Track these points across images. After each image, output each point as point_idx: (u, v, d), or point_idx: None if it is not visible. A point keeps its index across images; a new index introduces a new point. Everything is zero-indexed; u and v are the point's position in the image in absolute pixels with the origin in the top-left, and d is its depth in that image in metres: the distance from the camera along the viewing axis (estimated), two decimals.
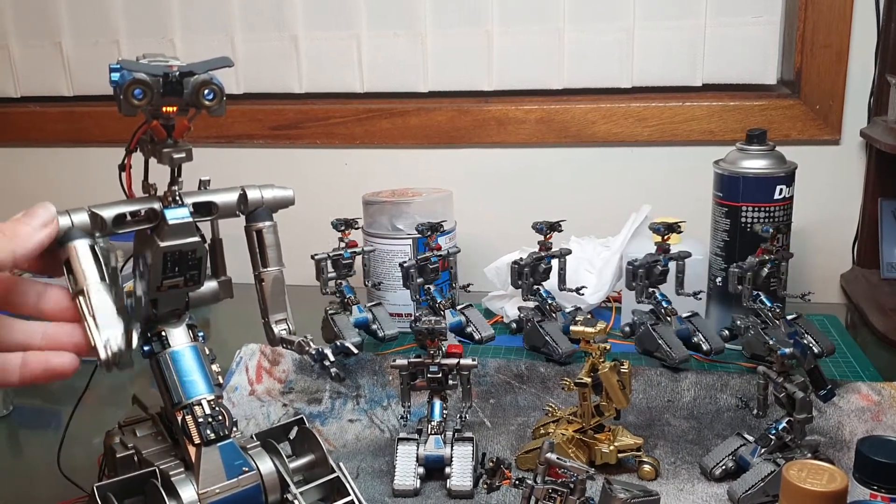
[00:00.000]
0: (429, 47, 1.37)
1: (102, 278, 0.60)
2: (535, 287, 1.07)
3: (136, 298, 0.64)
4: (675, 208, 1.13)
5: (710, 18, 1.28)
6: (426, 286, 1.04)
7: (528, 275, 1.05)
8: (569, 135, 1.35)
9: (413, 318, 1.06)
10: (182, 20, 1.44)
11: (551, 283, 1.07)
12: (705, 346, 1.00)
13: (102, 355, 0.58)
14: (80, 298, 0.59)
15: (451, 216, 1.19)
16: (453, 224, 1.19)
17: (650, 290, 1.02)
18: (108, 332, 0.58)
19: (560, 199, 1.37)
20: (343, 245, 1.09)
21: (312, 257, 1.06)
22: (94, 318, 0.58)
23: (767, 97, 1.29)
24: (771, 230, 0.92)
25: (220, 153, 1.47)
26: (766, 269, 0.92)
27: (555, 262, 1.07)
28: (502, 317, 1.19)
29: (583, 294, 1.09)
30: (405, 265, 1.03)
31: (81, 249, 0.60)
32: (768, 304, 0.91)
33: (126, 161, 0.63)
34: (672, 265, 1.01)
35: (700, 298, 1.02)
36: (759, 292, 0.92)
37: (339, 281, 1.09)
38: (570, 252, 1.08)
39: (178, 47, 1.44)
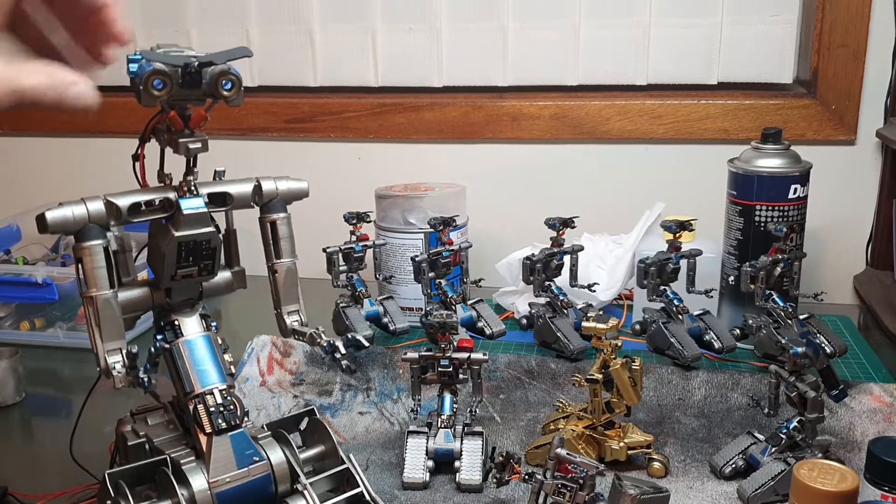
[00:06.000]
0: (444, 42, 1.37)
1: (112, 285, 0.61)
2: (547, 283, 1.07)
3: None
4: (689, 206, 1.13)
5: (726, 16, 1.27)
6: (437, 281, 1.04)
7: (539, 271, 1.05)
8: (583, 131, 1.35)
9: (424, 312, 1.06)
10: (198, 12, 1.45)
11: (562, 280, 1.07)
12: (717, 345, 1.00)
13: (102, 364, 0.61)
14: (88, 306, 0.61)
15: (463, 211, 1.19)
16: (466, 219, 1.19)
17: (661, 287, 1.01)
18: (111, 346, 0.61)
19: (573, 195, 1.37)
20: (354, 238, 1.09)
21: (324, 250, 1.06)
22: (100, 329, 0.61)
23: (783, 96, 1.28)
24: (784, 229, 0.92)
25: (233, 146, 1.47)
26: (778, 269, 0.92)
27: (566, 259, 1.07)
28: (513, 312, 1.19)
29: (594, 291, 1.09)
30: (417, 259, 1.03)
31: (96, 254, 0.60)
32: (781, 304, 0.91)
33: (140, 151, 0.64)
34: (683, 263, 1.01)
35: (712, 296, 1.02)
36: (772, 292, 0.92)
37: (350, 274, 1.09)
38: (581, 248, 1.08)
39: (194, 39, 1.45)
